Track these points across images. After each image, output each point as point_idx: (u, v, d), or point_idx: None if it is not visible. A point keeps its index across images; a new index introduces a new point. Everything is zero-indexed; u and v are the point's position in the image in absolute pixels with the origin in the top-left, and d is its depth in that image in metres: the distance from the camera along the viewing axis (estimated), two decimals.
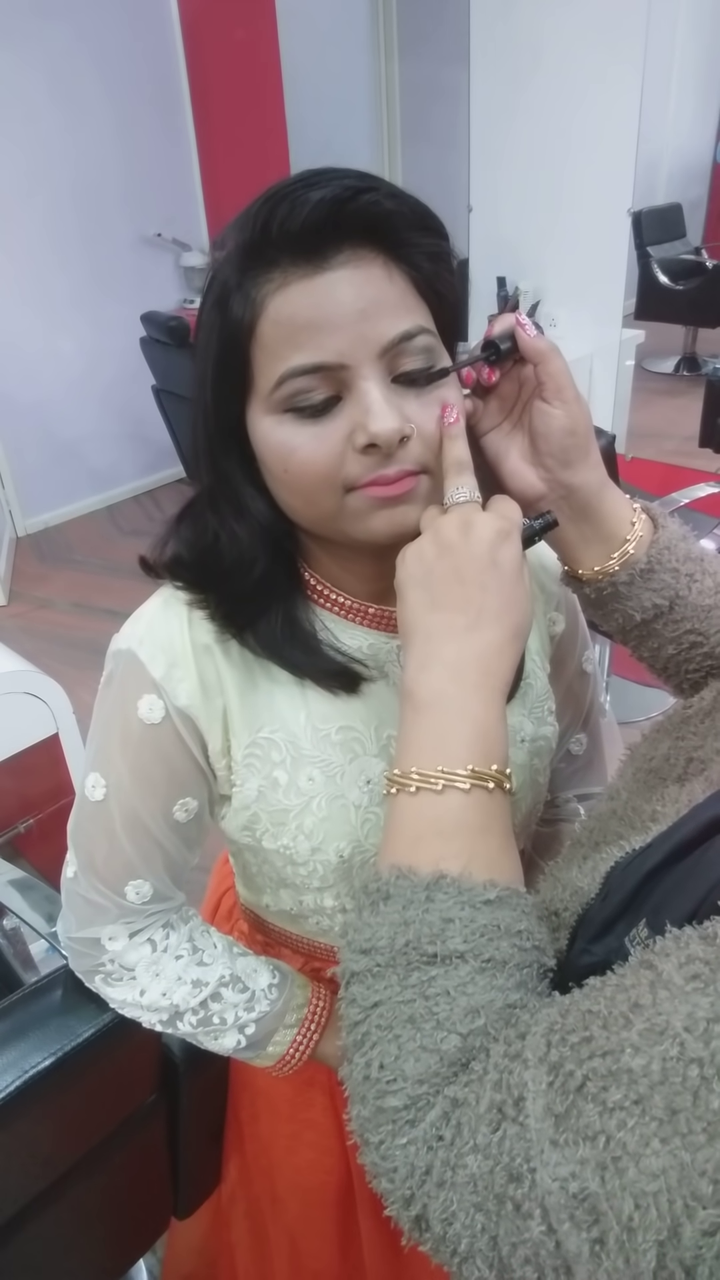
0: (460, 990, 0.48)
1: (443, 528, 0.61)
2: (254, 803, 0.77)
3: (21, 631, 3.72)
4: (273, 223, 0.60)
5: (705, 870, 0.45)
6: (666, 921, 0.43)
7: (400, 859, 0.53)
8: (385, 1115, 0.47)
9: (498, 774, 0.55)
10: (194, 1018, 0.82)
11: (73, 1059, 0.90)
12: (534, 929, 0.52)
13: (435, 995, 0.48)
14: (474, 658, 0.57)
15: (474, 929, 0.49)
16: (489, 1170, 0.42)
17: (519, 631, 0.59)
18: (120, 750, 0.75)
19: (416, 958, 0.49)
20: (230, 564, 0.71)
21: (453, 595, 0.59)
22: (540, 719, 0.84)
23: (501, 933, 0.50)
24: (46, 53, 3.99)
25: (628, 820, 0.62)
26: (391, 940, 0.50)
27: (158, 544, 0.76)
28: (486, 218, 3.78)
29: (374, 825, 0.76)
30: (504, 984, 0.49)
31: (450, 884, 0.51)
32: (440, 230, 0.66)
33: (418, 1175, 0.45)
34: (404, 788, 0.55)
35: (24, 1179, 0.96)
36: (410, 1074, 0.47)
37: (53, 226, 4.26)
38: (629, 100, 3.24)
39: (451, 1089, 0.46)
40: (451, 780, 0.54)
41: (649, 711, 2.78)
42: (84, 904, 0.81)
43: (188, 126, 4.67)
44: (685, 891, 0.45)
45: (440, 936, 0.49)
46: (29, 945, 1.43)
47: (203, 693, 0.74)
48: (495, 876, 0.52)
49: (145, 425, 4.42)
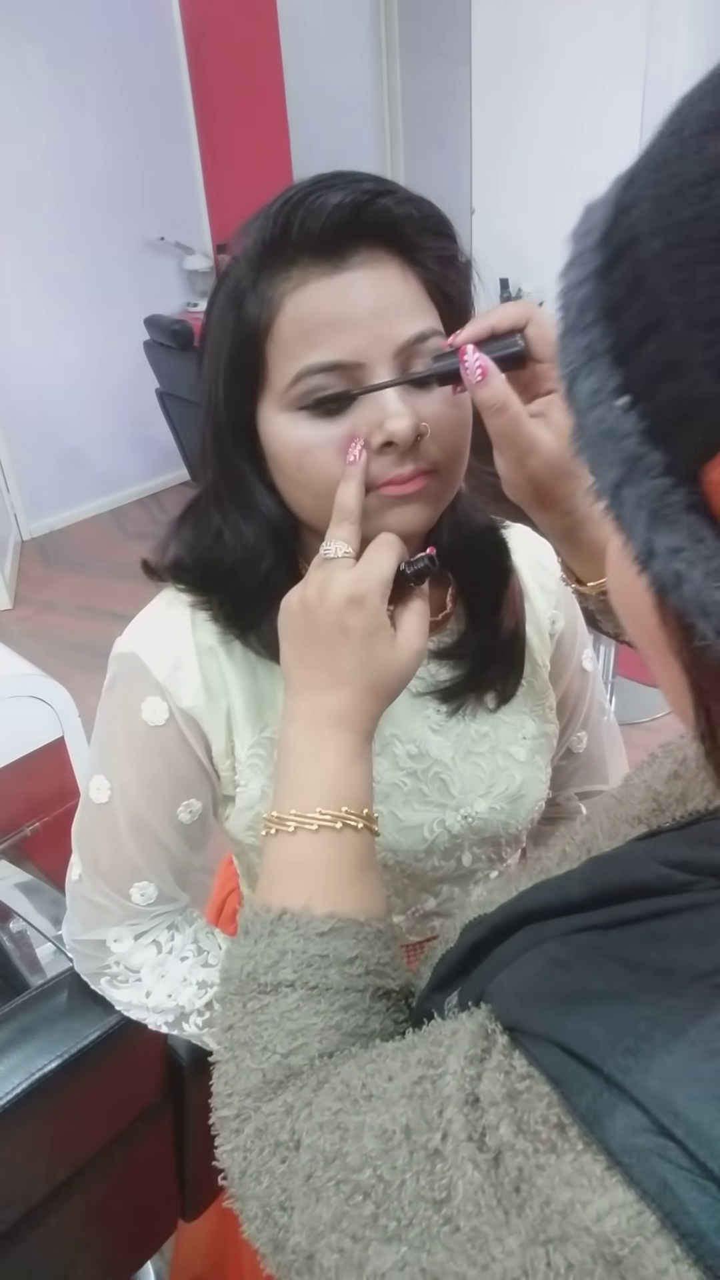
0: (285, 1016, 0.53)
1: (308, 584, 0.63)
2: (258, 802, 0.77)
3: (26, 635, 3.72)
4: (293, 222, 0.61)
5: (495, 961, 0.46)
6: (469, 1003, 0.44)
7: (260, 896, 0.59)
8: (222, 1123, 0.53)
9: (346, 814, 0.59)
10: (199, 1019, 0.82)
11: (79, 1061, 0.90)
12: (370, 954, 0.56)
13: (264, 1021, 0.54)
14: (326, 712, 0.61)
15: (304, 960, 0.54)
16: (268, 1193, 0.48)
17: (374, 689, 0.61)
18: (124, 752, 0.76)
19: (254, 987, 0.55)
20: (235, 561, 0.72)
21: (310, 653, 0.62)
22: (541, 716, 0.85)
23: (330, 961, 0.54)
24: (50, 58, 4.00)
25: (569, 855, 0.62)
26: (240, 971, 0.56)
27: (159, 547, 0.76)
28: (489, 220, 3.78)
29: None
30: (326, 1008, 0.53)
31: (290, 919, 0.56)
32: (451, 234, 0.67)
33: (236, 1177, 0.51)
34: (268, 830, 0.60)
35: (31, 1181, 0.96)
36: (240, 1089, 0.53)
37: (57, 230, 4.27)
38: (631, 101, 3.24)
39: (267, 1106, 0.51)
40: (302, 822, 0.58)
41: (653, 712, 2.77)
42: (89, 906, 0.81)
43: (190, 130, 4.68)
44: (482, 978, 0.46)
45: (275, 967, 0.55)
46: (35, 948, 1.43)
47: (206, 694, 0.74)
48: (337, 909, 0.56)
49: (149, 428, 4.43)
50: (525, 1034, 0.38)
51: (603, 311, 0.32)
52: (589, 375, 0.33)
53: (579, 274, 0.34)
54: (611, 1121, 0.32)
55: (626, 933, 0.40)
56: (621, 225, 0.32)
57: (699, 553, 0.30)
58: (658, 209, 0.30)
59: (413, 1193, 0.39)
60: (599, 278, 0.33)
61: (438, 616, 0.79)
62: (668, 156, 0.30)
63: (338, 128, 4.20)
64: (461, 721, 0.81)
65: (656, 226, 0.30)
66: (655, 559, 0.31)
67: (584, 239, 0.34)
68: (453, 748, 0.81)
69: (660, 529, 0.31)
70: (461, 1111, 0.38)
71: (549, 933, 0.43)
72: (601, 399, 0.32)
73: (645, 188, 0.31)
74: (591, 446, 0.33)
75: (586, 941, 0.41)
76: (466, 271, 0.70)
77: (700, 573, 0.30)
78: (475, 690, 0.80)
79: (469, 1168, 0.37)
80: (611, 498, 0.33)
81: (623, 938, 0.40)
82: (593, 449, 0.33)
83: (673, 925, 0.39)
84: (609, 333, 0.32)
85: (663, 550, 0.31)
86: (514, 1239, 0.34)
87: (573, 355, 0.34)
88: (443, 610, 0.80)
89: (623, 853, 0.49)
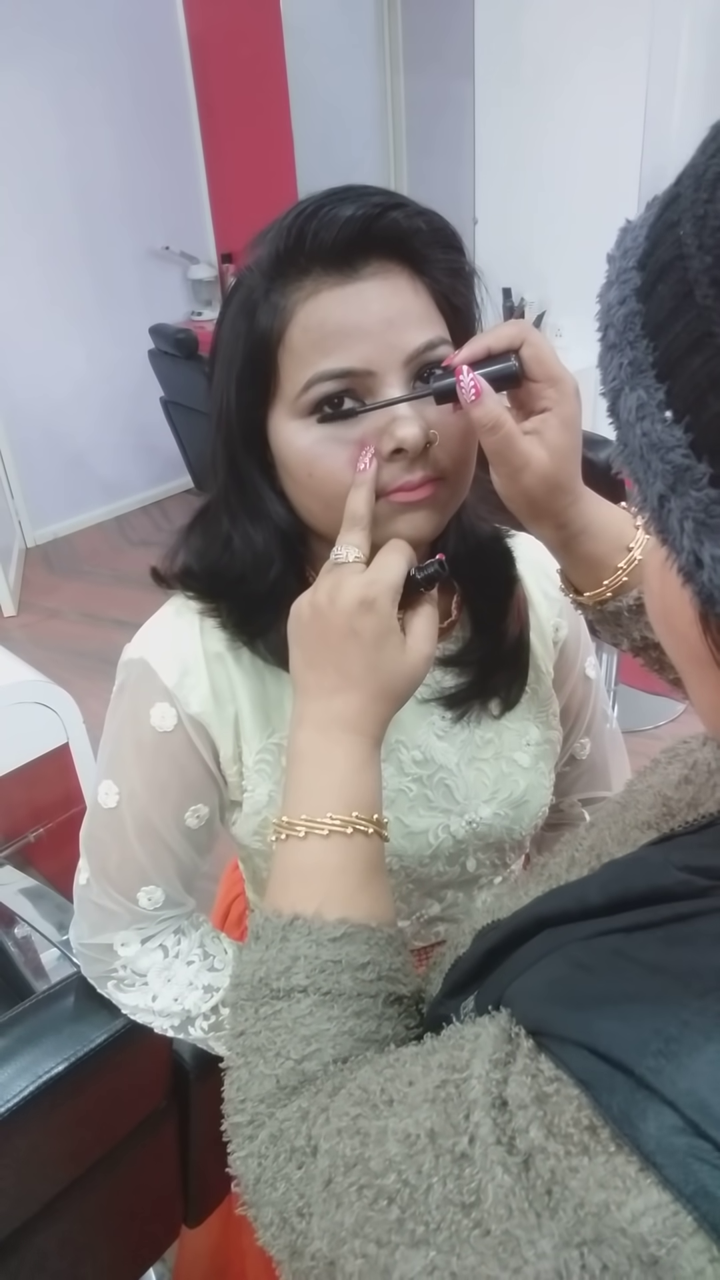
0: (299, 1022, 0.53)
1: (319, 589, 0.63)
2: (265, 808, 0.77)
3: (30, 641, 3.73)
4: (307, 234, 0.62)
5: (513, 966, 0.46)
6: (488, 1006, 0.44)
7: (271, 902, 0.59)
8: (235, 1130, 0.53)
9: (357, 819, 0.59)
10: (205, 1023, 0.83)
11: (85, 1065, 0.90)
12: (382, 960, 0.56)
13: (278, 1027, 0.54)
14: (336, 716, 0.61)
15: (316, 965, 0.54)
16: (284, 1199, 0.48)
17: (384, 693, 0.61)
18: (133, 758, 0.76)
19: (266, 993, 0.55)
20: (244, 568, 0.73)
21: (321, 657, 0.62)
22: (545, 723, 0.85)
23: (343, 967, 0.55)
24: (56, 68, 4.03)
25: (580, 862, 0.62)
26: (252, 976, 0.56)
27: (168, 555, 0.77)
28: (492, 229, 3.80)
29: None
30: (340, 1014, 0.54)
31: (302, 924, 0.56)
32: (459, 247, 0.68)
33: (250, 1183, 0.51)
34: (278, 835, 0.60)
35: (36, 1185, 0.96)
36: (253, 1095, 0.53)
37: (62, 240, 4.29)
38: (634, 111, 3.25)
39: (282, 1112, 0.51)
40: (312, 827, 0.59)
41: (657, 720, 2.78)
42: (96, 910, 0.81)
43: (195, 141, 4.70)
44: (499, 983, 0.46)
45: (287, 973, 0.55)
46: (40, 953, 1.44)
47: (215, 700, 0.75)
48: (349, 914, 0.57)
49: (153, 436, 4.44)
50: (550, 1037, 0.38)
51: (645, 329, 0.33)
52: (634, 390, 0.33)
53: (620, 293, 0.35)
54: (644, 1123, 0.33)
55: (648, 936, 0.40)
56: (665, 243, 0.33)
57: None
58: (704, 226, 0.31)
59: (440, 1197, 0.39)
60: (640, 297, 0.34)
61: (443, 624, 0.80)
62: (711, 176, 0.31)
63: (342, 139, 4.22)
64: (466, 728, 0.81)
65: (704, 244, 0.30)
66: (702, 569, 0.32)
67: (622, 260, 0.35)
68: (457, 754, 0.81)
69: (708, 539, 0.32)
70: (489, 1115, 0.38)
71: (568, 937, 0.43)
72: (647, 413, 0.33)
73: (688, 207, 0.32)
74: (636, 460, 0.34)
75: (609, 945, 0.41)
76: (473, 283, 0.71)
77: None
78: (480, 697, 0.81)
79: (499, 1171, 0.37)
80: (657, 510, 0.33)
81: (645, 941, 0.40)
82: (638, 462, 0.34)
83: (695, 929, 0.39)
84: (653, 349, 0.33)
85: (710, 560, 0.32)
86: (546, 1241, 0.34)
87: (615, 372, 0.35)
88: (448, 618, 0.81)
89: (639, 858, 0.49)
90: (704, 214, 0.31)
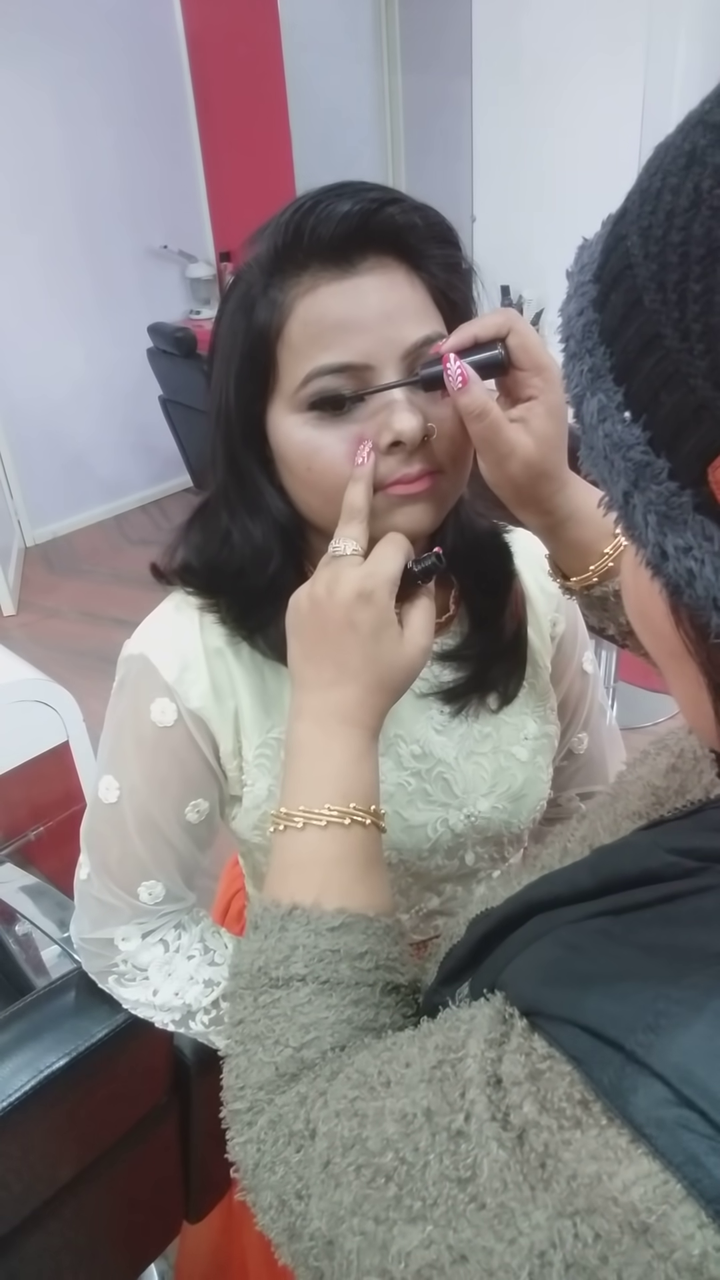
0: (297, 1010, 0.54)
1: (317, 581, 0.63)
2: (265, 802, 0.78)
3: (30, 640, 3.73)
4: (304, 229, 0.63)
5: (506, 951, 0.47)
6: (483, 991, 0.45)
7: (270, 892, 0.60)
8: (234, 1117, 0.54)
9: (355, 810, 0.59)
10: (206, 1017, 0.83)
11: (86, 1060, 0.90)
12: (380, 949, 0.57)
13: (276, 1015, 0.54)
14: (334, 708, 0.61)
15: (315, 954, 0.55)
16: (283, 1183, 0.48)
17: (381, 684, 0.62)
18: (133, 753, 0.77)
19: (265, 981, 0.56)
20: (243, 563, 0.73)
21: (319, 649, 0.62)
22: (543, 717, 0.86)
23: (341, 956, 0.55)
24: (54, 67, 4.03)
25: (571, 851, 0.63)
26: (251, 965, 0.57)
27: (168, 551, 0.78)
28: (490, 227, 3.80)
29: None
30: (338, 1002, 0.54)
31: (301, 914, 0.57)
32: (456, 242, 0.69)
33: (249, 1169, 0.52)
34: (276, 826, 0.60)
35: (37, 1181, 0.96)
36: (252, 1082, 0.54)
37: (61, 239, 4.29)
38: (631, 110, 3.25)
39: (281, 1098, 0.51)
40: (310, 818, 0.59)
41: (655, 717, 2.78)
42: (97, 905, 0.82)
43: (193, 139, 4.70)
44: (493, 967, 0.47)
45: (286, 962, 0.55)
46: (40, 950, 1.44)
47: (214, 695, 0.75)
48: (347, 904, 0.57)
49: (152, 435, 4.44)
50: (543, 1016, 0.39)
51: (602, 336, 0.35)
52: (594, 395, 0.35)
53: (578, 305, 0.37)
54: (635, 1096, 0.34)
55: (638, 917, 0.41)
56: (615, 256, 0.35)
57: (708, 549, 0.32)
58: (648, 238, 0.32)
59: (436, 1173, 0.40)
60: (596, 307, 0.36)
61: (441, 619, 0.80)
62: (653, 191, 0.33)
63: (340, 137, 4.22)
64: (464, 722, 0.82)
65: (649, 252, 0.32)
66: (667, 561, 0.33)
67: (580, 274, 0.37)
68: (456, 748, 0.81)
69: (670, 530, 0.33)
70: (484, 1093, 0.39)
71: (560, 920, 0.44)
72: (608, 414, 0.34)
73: (634, 220, 0.34)
74: (601, 460, 0.35)
75: (599, 927, 0.42)
76: (470, 278, 0.71)
77: (711, 569, 0.32)
78: (478, 691, 0.81)
79: (494, 1146, 0.38)
80: (622, 507, 0.35)
81: (634, 922, 0.41)
82: (602, 463, 0.35)
83: (683, 909, 0.40)
84: (610, 354, 0.35)
85: (674, 551, 0.33)
86: (541, 1213, 0.35)
87: (577, 379, 0.36)
88: (446, 613, 0.81)
89: (628, 842, 0.50)
90: (648, 225, 0.33)
